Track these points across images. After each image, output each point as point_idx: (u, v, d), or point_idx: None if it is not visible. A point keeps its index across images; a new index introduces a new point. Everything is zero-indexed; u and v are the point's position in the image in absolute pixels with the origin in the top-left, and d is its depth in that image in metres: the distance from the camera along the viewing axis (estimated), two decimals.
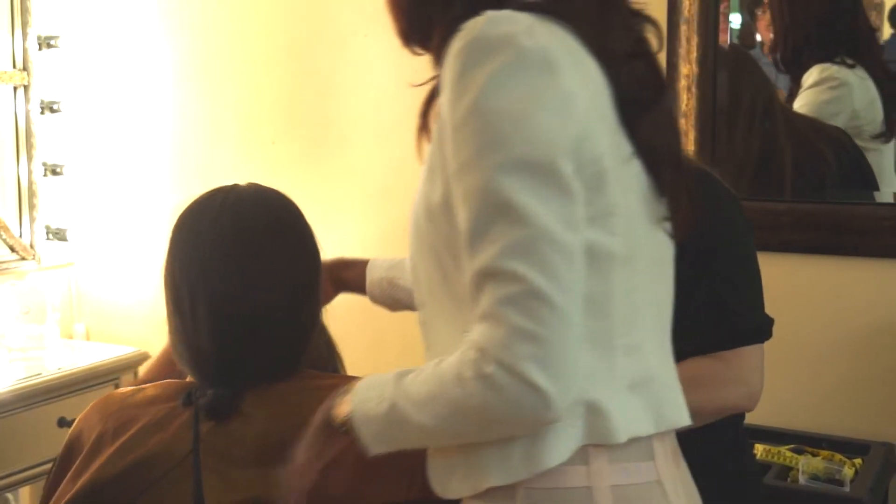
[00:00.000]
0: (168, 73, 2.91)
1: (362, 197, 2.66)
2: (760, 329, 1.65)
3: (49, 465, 1.60)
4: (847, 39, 2.34)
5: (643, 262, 1.17)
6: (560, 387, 1.03)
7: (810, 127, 2.37)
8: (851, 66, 2.32)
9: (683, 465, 1.23)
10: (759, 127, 2.38)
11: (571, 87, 1.08)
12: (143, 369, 1.62)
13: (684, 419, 1.20)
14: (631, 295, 1.14)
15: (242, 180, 2.71)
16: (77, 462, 1.40)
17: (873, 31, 2.32)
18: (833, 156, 2.36)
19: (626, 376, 1.13)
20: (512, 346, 1.02)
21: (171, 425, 1.37)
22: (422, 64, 2.74)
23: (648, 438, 1.15)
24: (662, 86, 1.23)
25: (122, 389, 1.48)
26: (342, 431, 1.16)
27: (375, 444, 1.14)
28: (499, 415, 1.06)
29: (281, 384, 1.39)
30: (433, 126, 1.16)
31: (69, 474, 1.40)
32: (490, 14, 1.09)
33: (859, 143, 2.31)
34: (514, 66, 1.06)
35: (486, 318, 1.04)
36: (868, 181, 2.33)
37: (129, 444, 1.36)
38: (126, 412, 1.40)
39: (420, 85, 1.26)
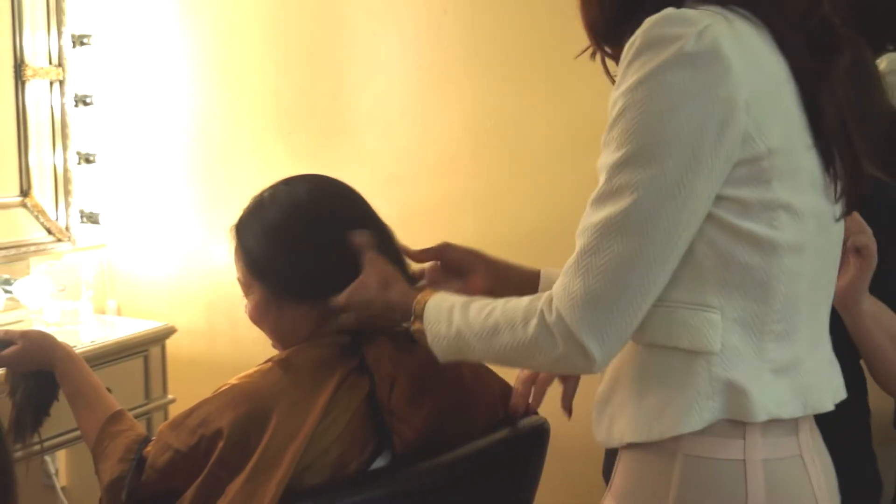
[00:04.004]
0: (193, 69, 2.92)
1: (371, 183, 2.64)
2: None
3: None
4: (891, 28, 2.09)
5: (812, 251, 1.14)
6: (606, 353, 1.08)
7: None
8: None
9: (819, 437, 1.21)
10: None
11: (733, 89, 1.04)
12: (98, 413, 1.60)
13: (828, 405, 1.18)
14: (795, 284, 1.12)
15: (261, 167, 2.71)
16: (258, 450, 1.37)
17: None
18: None
19: (773, 360, 1.11)
20: (577, 307, 1.07)
21: (344, 383, 1.42)
22: (427, 60, 2.76)
23: None
24: (837, 44, 1.14)
25: (241, 382, 1.44)
26: (413, 332, 1.29)
27: (444, 357, 1.26)
28: (546, 362, 1.13)
29: None
30: None
31: (249, 468, 1.36)
32: (668, 12, 1.07)
33: None
34: (670, 68, 1.04)
35: (569, 271, 1.09)
36: None
37: (329, 407, 1.39)
38: (286, 395, 1.40)
39: (580, 55, 1.27)
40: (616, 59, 1.14)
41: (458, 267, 1.49)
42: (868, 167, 1.20)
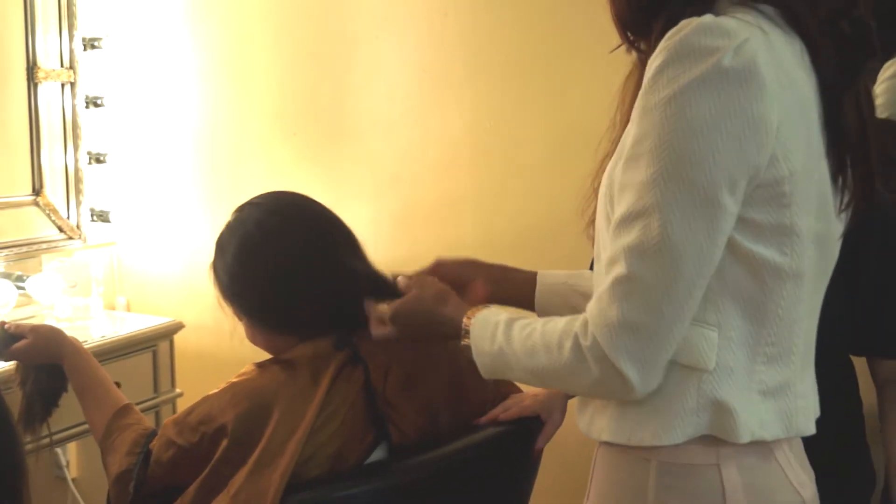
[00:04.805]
0: (200, 72, 2.93)
1: (374, 183, 2.67)
2: None
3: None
4: None
5: (810, 277, 1.11)
6: (647, 379, 1.05)
7: None
8: None
9: (798, 442, 1.18)
10: None
11: (767, 110, 1.00)
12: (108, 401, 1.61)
13: (812, 428, 1.16)
14: (792, 309, 1.09)
15: (267, 167, 2.70)
16: (261, 444, 1.38)
17: None
18: None
19: (762, 381, 1.09)
20: (615, 333, 1.03)
21: (340, 374, 1.44)
22: (428, 63, 2.76)
23: None
24: (870, 48, 1.08)
25: (240, 380, 1.46)
26: (462, 349, 1.25)
27: (488, 373, 1.23)
28: (582, 386, 1.10)
29: None
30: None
31: (252, 462, 1.37)
32: (706, 21, 1.01)
33: None
34: (706, 84, 0.98)
35: (604, 296, 1.04)
36: None
37: (327, 400, 1.41)
38: (285, 390, 1.42)
39: (614, 50, 1.19)
40: (645, 52, 1.10)
41: (456, 279, 1.45)
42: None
